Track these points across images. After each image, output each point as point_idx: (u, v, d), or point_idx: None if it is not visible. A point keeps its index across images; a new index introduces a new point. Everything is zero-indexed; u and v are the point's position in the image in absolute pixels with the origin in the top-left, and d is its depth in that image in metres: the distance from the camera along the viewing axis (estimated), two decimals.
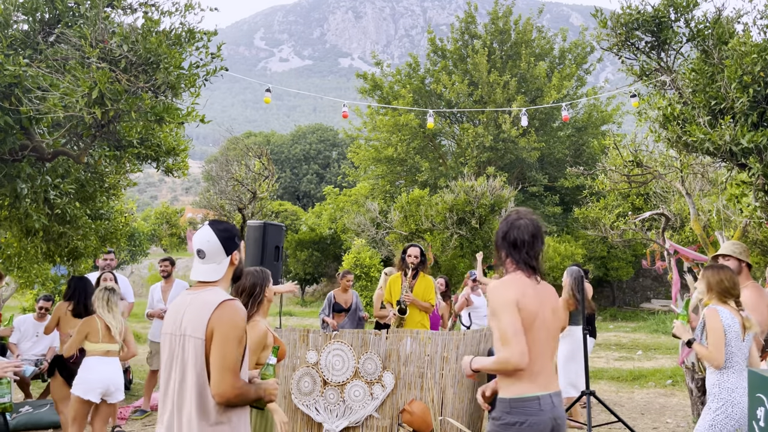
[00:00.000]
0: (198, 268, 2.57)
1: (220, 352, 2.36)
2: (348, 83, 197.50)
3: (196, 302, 2.48)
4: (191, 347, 2.41)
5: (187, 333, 2.43)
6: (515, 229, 2.85)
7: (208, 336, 2.39)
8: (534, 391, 2.68)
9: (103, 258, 7.15)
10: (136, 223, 19.50)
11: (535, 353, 2.70)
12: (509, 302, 2.68)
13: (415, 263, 6.09)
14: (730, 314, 3.68)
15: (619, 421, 5.54)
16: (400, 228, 16.35)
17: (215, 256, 2.55)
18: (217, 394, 2.35)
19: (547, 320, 2.78)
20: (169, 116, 4.45)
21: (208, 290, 2.52)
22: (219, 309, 2.41)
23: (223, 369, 2.35)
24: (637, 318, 18.82)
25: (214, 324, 2.39)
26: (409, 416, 4.87)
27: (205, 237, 2.55)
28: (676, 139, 4.77)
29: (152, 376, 7.06)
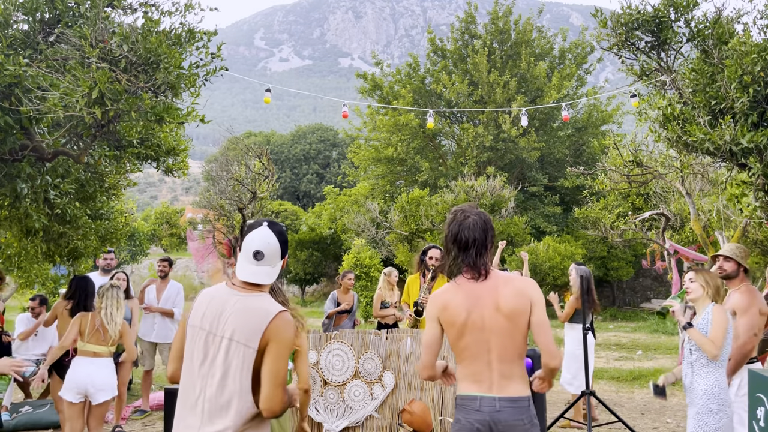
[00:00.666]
0: (250, 269, 2.43)
1: (274, 368, 2.29)
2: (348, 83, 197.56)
3: (248, 308, 2.36)
4: (238, 354, 2.31)
5: (235, 338, 2.32)
6: (465, 228, 2.73)
7: (261, 347, 2.31)
8: (474, 391, 2.69)
9: (102, 258, 7.15)
10: (136, 223, 19.52)
11: (471, 355, 2.69)
12: (430, 317, 2.80)
13: (437, 265, 6.06)
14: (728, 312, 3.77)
15: (619, 421, 5.54)
16: (400, 228, 16.35)
17: (272, 259, 2.44)
18: (267, 409, 2.29)
19: (488, 320, 2.65)
20: (169, 116, 4.45)
21: (258, 296, 2.41)
22: (276, 320, 2.33)
23: (276, 385, 2.29)
24: (637, 318, 18.81)
25: (271, 336, 2.30)
26: (409, 416, 4.87)
27: (266, 239, 2.43)
28: (676, 139, 4.77)
29: (146, 376, 7.06)
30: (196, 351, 2.40)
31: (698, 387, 3.71)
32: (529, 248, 16.25)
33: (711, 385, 3.67)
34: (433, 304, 2.79)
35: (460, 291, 2.72)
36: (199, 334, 2.40)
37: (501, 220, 15.90)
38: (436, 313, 2.75)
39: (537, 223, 20.93)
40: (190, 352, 2.42)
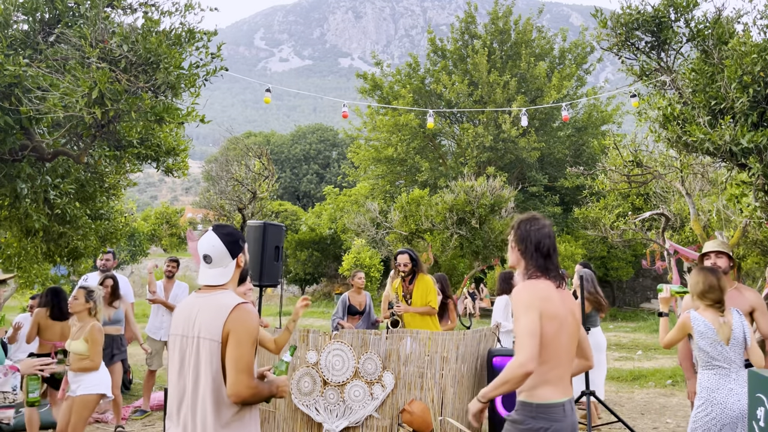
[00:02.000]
0: (205, 272, 2.61)
1: (235, 354, 2.41)
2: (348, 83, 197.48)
3: (210, 305, 2.51)
4: (206, 349, 2.45)
5: (202, 335, 2.46)
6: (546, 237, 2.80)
7: (224, 338, 2.44)
8: (559, 397, 2.67)
9: (100, 258, 7.15)
10: (136, 223, 19.54)
11: (560, 359, 2.69)
12: (529, 306, 2.63)
13: (406, 270, 6.04)
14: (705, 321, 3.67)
15: (619, 421, 5.54)
16: (400, 228, 16.35)
17: (221, 261, 2.60)
18: (233, 394, 2.40)
19: (569, 325, 2.75)
20: (169, 116, 4.46)
21: (220, 293, 2.56)
22: (234, 312, 2.46)
23: (239, 371, 2.40)
24: (637, 318, 18.81)
25: (230, 326, 2.43)
26: (409, 416, 4.87)
27: (210, 242, 2.60)
28: (676, 139, 4.77)
29: (150, 376, 7.05)
30: (175, 356, 2.55)
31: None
32: None
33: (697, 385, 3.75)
34: (532, 293, 2.65)
35: (554, 289, 2.73)
36: (176, 340, 2.56)
37: (501, 221, 15.89)
38: (538, 303, 2.62)
39: None
40: (172, 359, 2.57)
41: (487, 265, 17.08)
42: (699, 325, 3.68)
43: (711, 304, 3.72)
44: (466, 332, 5.18)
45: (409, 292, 6.03)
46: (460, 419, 4.98)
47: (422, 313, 5.95)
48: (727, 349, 3.64)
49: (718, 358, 3.67)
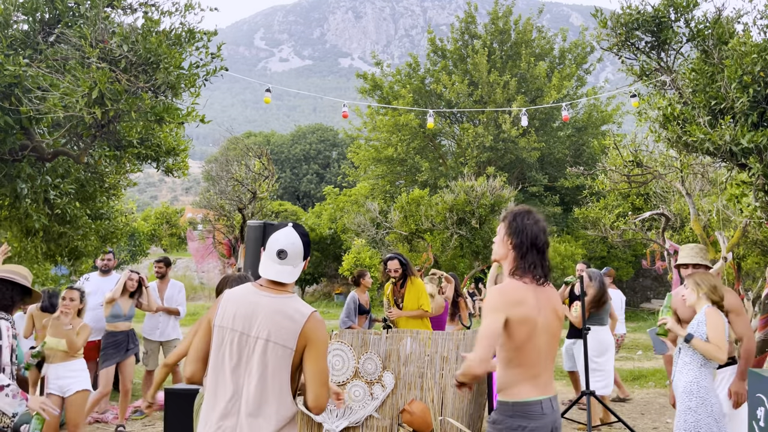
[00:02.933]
0: (274, 267, 2.52)
1: (318, 367, 2.41)
2: (348, 83, 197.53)
3: (280, 308, 2.44)
4: (276, 354, 2.39)
5: (271, 339, 2.40)
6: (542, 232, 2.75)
7: (299, 347, 2.41)
8: (536, 395, 2.66)
9: (101, 258, 7.16)
10: (136, 223, 19.50)
11: (536, 358, 2.68)
12: (496, 308, 2.62)
13: (397, 276, 6.04)
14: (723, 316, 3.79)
15: (619, 421, 5.54)
16: (400, 228, 16.35)
17: (295, 259, 2.55)
18: (316, 407, 2.40)
19: (550, 324, 2.74)
20: (169, 116, 4.46)
21: (288, 296, 2.50)
22: (311, 321, 2.44)
23: (322, 384, 2.40)
24: (637, 318, 18.81)
25: (309, 337, 2.41)
26: (409, 416, 4.87)
27: (290, 238, 2.55)
28: (676, 139, 4.77)
29: (148, 376, 7.06)
30: (228, 353, 2.43)
31: (679, 384, 3.75)
32: None
33: (689, 383, 3.69)
34: (502, 297, 2.65)
35: (529, 290, 2.70)
36: (230, 335, 2.44)
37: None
38: (506, 307, 2.61)
39: None
40: (221, 354, 2.45)
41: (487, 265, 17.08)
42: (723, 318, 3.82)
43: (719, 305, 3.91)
44: (466, 332, 5.18)
45: (401, 296, 6.04)
46: (460, 419, 4.98)
47: (414, 316, 5.95)
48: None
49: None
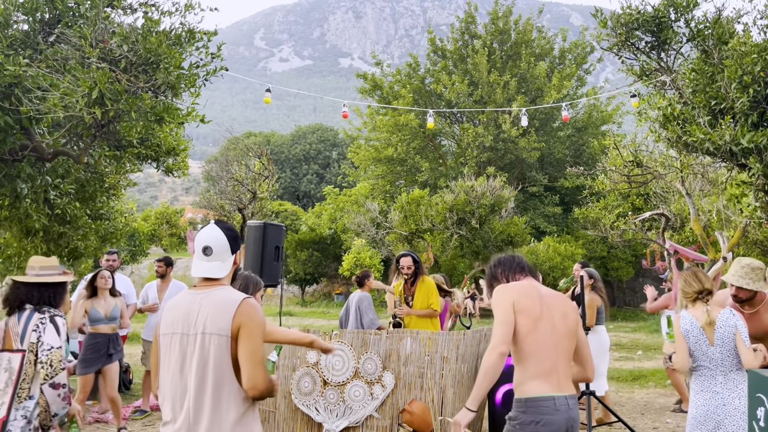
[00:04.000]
0: (203, 265, 2.58)
1: (250, 348, 2.40)
2: (348, 83, 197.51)
3: (214, 300, 2.48)
4: (214, 345, 2.42)
5: (207, 331, 2.43)
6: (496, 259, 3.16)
7: (234, 333, 2.42)
8: (548, 392, 2.75)
9: (105, 259, 7.12)
10: (136, 223, 19.54)
11: (543, 354, 2.78)
12: (504, 302, 2.84)
13: (409, 273, 6.05)
14: (691, 319, 3.60)
15: (619, 421, 5.54)
16: (400, 228, 16.35)
17: (222, 254, 2.59)
18: (251, 387, 2.39)
19: (556, 324, 2.87)
20: (169, 116, 4.46)
21: (221, 288, 2.54)
22: (242, 306, 2.45)
23: (255, 363, 2.40)
24: (637, 318, 18.82)
25: (240, 321, 2.42)
26: (409, 416, 4.87)
27: (213, 234, 2.59)
28: (676, 139, 4.77)
29: (148, 376, 7.05)
30: (173, 355, 2.49)
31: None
32: (529, 248, 16.25)
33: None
34: (507, 292, 2.88)
35: (532, 288, 2.93)
36: (173, 339, 2.50)
37: (501, 221, 15.89)
38: (512, 298, 2.84)
39: (537, 223, 20.93)
40: (167, 359, 2.51)
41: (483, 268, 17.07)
42: (685, 323, 3.63)
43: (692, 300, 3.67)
44: (466, 332, 5.18)
45: (411, 294, 6.04)
46: None
47: (423, 315, 5.96)
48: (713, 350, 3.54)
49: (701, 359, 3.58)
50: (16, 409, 3.41)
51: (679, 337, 3.63)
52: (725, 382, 3.52)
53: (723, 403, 3.49)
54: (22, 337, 3.47)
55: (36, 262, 3.79)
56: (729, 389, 3.51)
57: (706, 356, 3.56)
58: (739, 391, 3.50)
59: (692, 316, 3.61)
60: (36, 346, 3.46)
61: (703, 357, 3.56)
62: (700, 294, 3.64)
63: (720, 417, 3.49)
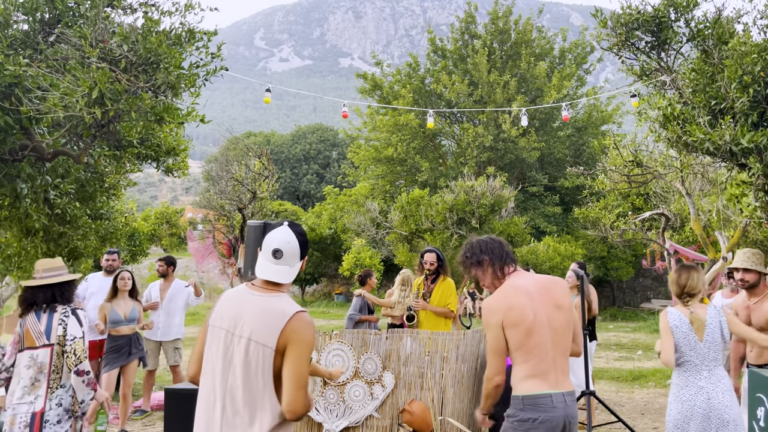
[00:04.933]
0: (270, 267, 2.45)
1: (296, 370, 2.30)
2: (348, 83, 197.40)
3: (265, 307, 2.38)
4: (257, 354, 2.32)
5: (253, 338, 2.32)
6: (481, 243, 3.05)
7: (279, 347, 2.31)
8: (545, 389, 2.77)
9: (105, 258, 7.13)
10: (136, 223, 19.48)
11: (541, 355, 2.79)
12: (492, 324, 2.85)
13: (432, 269, 6.04)
14: (679, 314, 3.67)
15: (619, 421, 5.54)
16: (400, 228, 16.36)
17: (291, 258, 2.47)
18: (290, 411, 2.28)
19: (551, 318, 2.85)
20: (169, 116, 4.46)
21: (276, 296, 2.42)
22: (294, 321, 2.33)
23: (299, 387, 2.29)
24: (637, 318, 18.81)
25: (289, 337, 2.31)
26: (409, 416, 4.86)
27: (286, 237, 2.47)
28: (676, 139, 4.77)
29: (149, 376, 7.05)
30: (216, 352, 2.40)
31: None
32: (529, 248, 16.25)
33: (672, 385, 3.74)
34: (493, 311, 2.86)
35: (519, 292, 2.88)
36: (218, 334, 2.41)
37: (501, 221, 15.89)
38: (500, 317, 2.83)
39: (537, 223, 20.93)
40: (210, 353, 2.43)
41: None
42: (674, 318, 3.68)
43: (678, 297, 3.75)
44: (466, 332, 5.18)
45: (430, 291, 6.04)
46: (460, 419, 4.99)
47: (440, 313, 5.96)
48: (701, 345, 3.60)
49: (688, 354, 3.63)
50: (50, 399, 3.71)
51: (665, 332, 3.67)
52: (710, 377, 3.57)
53: (708, 398, 3.53)
54: (48, 333, 3.76)
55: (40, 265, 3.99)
56: (713, 384, 3.56)
57: (695, 351, 3.61)
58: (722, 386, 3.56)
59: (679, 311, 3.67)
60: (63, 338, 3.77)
61: (691, 352, 3.61)
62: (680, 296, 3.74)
63: (706, 412, 3.51)
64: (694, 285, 3.69)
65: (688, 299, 3.70)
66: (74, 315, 3.85)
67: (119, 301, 6.09)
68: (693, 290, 3.69)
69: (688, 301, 3.69)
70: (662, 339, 3.68)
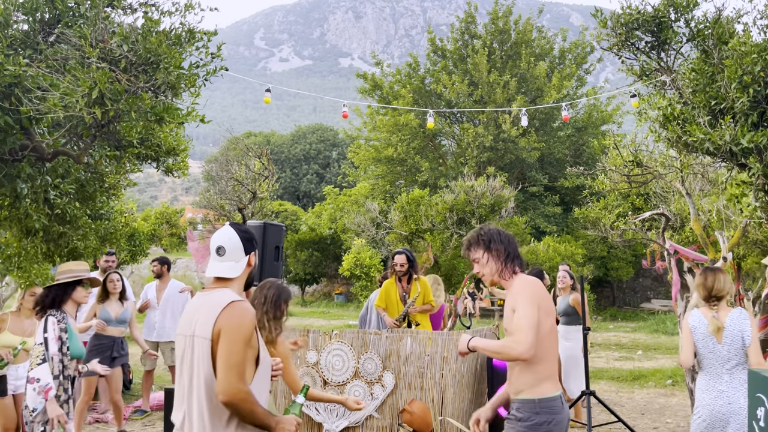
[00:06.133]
0: (215, 265, 2.58)
1: (225, 351, 2.36)
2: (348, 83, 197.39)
3: (206, 302, 2.49)
4: (199, 347, 2.42)
5: (196, 333, 2.44)
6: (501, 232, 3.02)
7: (215, 336, 2.39)
8: (557, 391, 2.81)
9: (104, 260, 7.12)
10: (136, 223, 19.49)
11: (553, 356, 2.85)
12: (533, 301, 2.78)
13: (403, 271, 6.09)
14: (700, 316, 3.68)
15: (619, 421, 5.54)
16: (400, 228, 16.35)
17: (234, 254, 2.58)
18: (220, 392, 2.33)
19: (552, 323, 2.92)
20: (169, 116, 4.45)
21: (219, 291, 2.53)
22: (227, 309, 2.42)
23: (227, 367, 2.33)
24: (637, 318, 18.81)
25: (221, 324, 2.39)
26: (409, 416, 4.86)
27: (226, 234, 2.60)
28: (676, 139, 4.76)
29: (148, 376, 7.05)
30: (179, 354, 2.54)
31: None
32: (529, 248, 16.25)
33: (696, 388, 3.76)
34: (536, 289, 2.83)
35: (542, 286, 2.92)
36: (179, 338, 2.56)
37: (501, 221, 15.88)
38: (539, 299, 2.80)
39: (537, 223, 20.93)
40: (177, 356, 2.58)
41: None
42: (694, 320, 3.69)
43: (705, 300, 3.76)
44: (466, 332, 5.18)
45: (407, 291, 6.08)
46: (460, 419, 4.98)
47: (424, 311, 6.12)
48: (720, 347, 3.61)
49: (707, 357, 3.63)
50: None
51: (686, 333, 3.68)
52: (731, 381, 3.56)
53: (728, 402, 3.51)
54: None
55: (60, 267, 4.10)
56: (734, 388, 3.54)
57: (713, 353, 3.61)
58: (744, 390, 3.54)
59: (701, 313, 3.69)
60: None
61: (709, 354, 3.62)
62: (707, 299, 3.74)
63: (726, 416, 3.51)
64: (720, 287, 3.72)
65: (716, 302, 3.71)
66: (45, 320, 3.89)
67: (111, 303, 6.09)
68: (720, 293, 3.71)
69: (716, 303, 3.71)
70: (682, 341, 3.71)
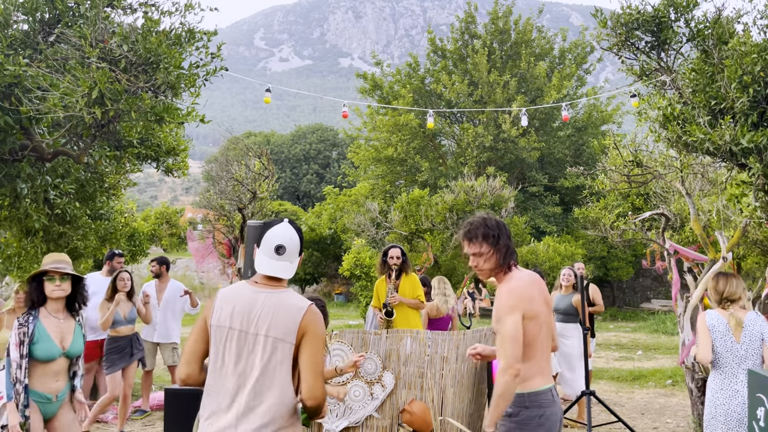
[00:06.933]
0: (273, 264, 2.49)
1: (313, 358, 2.38)
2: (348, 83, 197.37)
3: (278, 303, 2.43)
4: (277, 350, 2.38)
5: (271, 334, 2.38)
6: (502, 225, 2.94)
7: (298, 340, 2.39)
8: (546, 384, 2.78)
9: (117, 261, 7.10)
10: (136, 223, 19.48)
11: (542, 349, 2.80)
12: (514, 309, 2.71)
13: (398, 264, 6.09)
14: (718, 315, 3.72)
15: (619, 421, 5.54)
16: (400, 228, 16.36)
17: (292, 255, 2.53)
18: (311, 398, 2.35)
19: (546, 315, 2.87)
20: (169, 116, 4.46)
21: (284, 291, 2.49)
22: (309, 314, 2.42)
23: (317, 374, 2.37)
24: (637, 318, 18.82)
25: (306, 329, 2.39)
26: (409, 416, 4.86)
27: (288, 234, 2.52)
28: (676, 139, 4.76)
29: (147, 376, 7.05)
30: (228, 351, 2.42)
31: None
32: (529, 248, 16.25)
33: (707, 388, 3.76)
34: (518, 297, 2.74)
35: (534, 284, 2.86)
36: (229, 334, 2.43)
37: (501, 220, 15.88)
38: (524, 305, 2.72)
39: (537, 223, 20.94)
40: (221, 353, 2.43)
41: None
42: (712, 318, 3.71)
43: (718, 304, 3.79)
44: (466, 332, 5.18)
45: (396, 287, 6.10)
46: (460, 419, 4.98)
47: (411, 305, 6.08)
48: (738, 347, 3.63)
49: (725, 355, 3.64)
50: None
51: (703, 332, 3.69)
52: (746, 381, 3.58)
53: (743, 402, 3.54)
54: None
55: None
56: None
57: (731, 352, 3.63)
58: None
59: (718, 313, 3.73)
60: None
61: (727, 353, 3.64)
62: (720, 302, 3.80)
63: (741, 416, 3.54)
64: (733, 291, 3.75)
65: (729, 304, 3.75)
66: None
67: (120, 302, 6.06)
68: (732, 296, 3.75)
69: (729, 306, 3.75)
70: (699, 338, 3.71)
